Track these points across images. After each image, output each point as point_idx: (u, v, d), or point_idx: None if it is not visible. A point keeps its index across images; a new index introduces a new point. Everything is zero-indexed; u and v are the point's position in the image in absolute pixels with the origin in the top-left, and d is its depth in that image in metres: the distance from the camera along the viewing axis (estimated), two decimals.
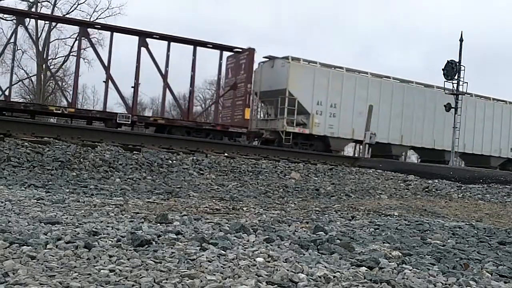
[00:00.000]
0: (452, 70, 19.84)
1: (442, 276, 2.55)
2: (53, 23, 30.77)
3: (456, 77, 19.92)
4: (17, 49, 31.05)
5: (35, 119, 14.67)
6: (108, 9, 35.03)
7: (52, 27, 32.52)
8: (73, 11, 34.04)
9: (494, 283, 2.49)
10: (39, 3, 33.63)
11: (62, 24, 29.53)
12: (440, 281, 2.42)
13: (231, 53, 17.97)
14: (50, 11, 33.06)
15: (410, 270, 2.59)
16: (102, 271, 2.11)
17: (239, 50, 17.59)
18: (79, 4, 34.33)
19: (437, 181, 10.69)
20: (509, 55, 80.00)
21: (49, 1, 33.82)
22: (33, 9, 31.94)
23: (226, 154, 11.09)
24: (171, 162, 9.03)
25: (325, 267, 2.49)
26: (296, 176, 9.74)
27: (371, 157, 17.37)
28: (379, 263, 2.63)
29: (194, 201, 5.15)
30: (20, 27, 17.41)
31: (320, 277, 2.28)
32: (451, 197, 8.47)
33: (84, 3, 35.04)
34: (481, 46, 70.88)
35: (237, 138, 17.04)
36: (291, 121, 17.30)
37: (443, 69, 20.06)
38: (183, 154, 10.04)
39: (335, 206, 5.61)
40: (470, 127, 21.09)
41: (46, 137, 9.28)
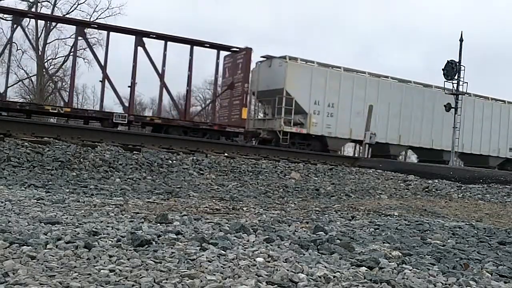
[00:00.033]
0: (452, 70, 19.84)
1: (442, 276, 2.55)
2: (51, 23, 30.75)
3: (456, 77, 19.93)
4: (18, 49, 31.21)
5: (31, 118, 14.61)
6: (108, 9, 35.10)
7: (49, 27, 32.52)
8: (73, 11, 34.10)
9: (494, 283, 2.49)
10: (39, 3, 33.66)
11: (59, 23, 29.49)
12: (440, 281, 2.42)
13: (229, 53, 17.93)
14: (50, 11, 33.11)
15: (410, 270, 2.59)
16: (102, 271, 2.11)
17: (236, 49, 17.54)
18: (79, 4, 34.40)
19: (437, 181, 10.69)
20: (509, 55, 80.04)
21: (49, 1, 33.87)
22: (33, 9, 31.96)
23: (226, 154, 11.09)
24: (171, 162, 9.03)
25: (325, 267, 2.49)
26: (296, 176, 9.74)
27: (370, 157, 17.37)
28: (379, 263, 2.63)
29: (194, 201, 5.15)
30: (18, 27, 17.37)
31: (320, 277, 2.28)
32: (451, 197, 8.47)
33: (84, 3, 35.10)
34: (481, 46, 70.89)
35: (234, 137, 17.02)
36: (289, 120, 17.26)
37: (443, 69, 20.06)
38: (183, 154, 10.04)
39: (335, 206, 5.61)
40: (468, 127, 21.05)
41: (46, 137, 9.27)
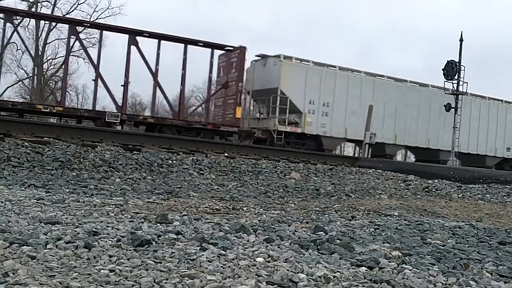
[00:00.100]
0: (452, 70, 19.84)
1: (442, 276, 2.55)
2: (45, 22, 30.71)
3: (456, 77, 19.93)
4: (17, 49, 31.20)
5: (25, 118, 14.54)
6: (108, 9, 35.13)
7: (44, 26, 32.50)
8: (73, 11, 34.12)
9: (494, 283, 2.49)
10: (39, 3, 33.66)
11: (53, 22, 29.40)
12: (440, 281, 2.42)
13: (223, 52, 17.89)
14: (50, 11, 33.12)
15: (410, 270, 2.59)
16: (102, 271, 2.11)
17: (231, 48, 17.48)
18: (79, 4, 34.41)
19: (437, 181, 10.68)
20: (509, 55, 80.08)
21: (49, 1, 33.87)
22: (33, 9, 31.97)
23: (226, 154, 11.09)
24: (171, 162, 9.03)
25: (325, 267, 2.49)
26: (296, 176, 9.74)
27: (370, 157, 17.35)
28: (379, 263, 2.63)
29: (194, 201, 5.15)
30: (12, 26, 17.31)
31: (320, 277, 2.28)
32: (451, 197, 8.47)
33: (84, 3, 35.12)
34: (481, 46, 70.96)
35: (228, 137, 16.98)
36: (283, 120, 17.20)
37: (443, 69, 20.06)
38: (183, 154, 10.04)
39: (335, 206, 5.61)
40: (465, 126, 20.89)
41: (46, 137, 9.27)
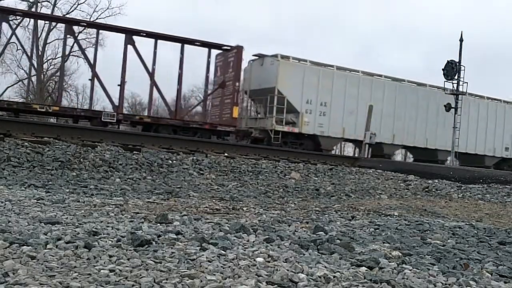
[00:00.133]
0: (452, 70, 19.82)
1: (442, 276, 2.55)
2: (42, 22, 30.65)
3: (456, 77, 19.92)
4: (17, 49, 31.17)
5: (19, 117, 14.49)
6: (108, 9, 35.10)
7: (41, 25, 32.44)
8: (73, 11, 34.10)
9: (494, 283, 2.49)
10: (39, 3, 33.66)
11: (48, 21, 29.30)
12: (440, 281, 2.42)
13: (220, 51, 17.85)
14: (50, 11, 33.12)
15: (410, 270, 2.59)
16: (102, 271, 2.11)
17: (228, 48, 17.43)
18: (79, 4, 34.40)
19: (437, 181, 10.68)
20: (509, 55, 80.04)
21: (49, 1, 33.87)
22: (33, 9, 31.96)
23: (226, 154, 11.09)
24: (171, 162, 9.03)
25: (325, 267, 2.49)
26: (296, 176, 9.74)
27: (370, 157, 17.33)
28: (379, 263, 2.63)
29: (194, 201, 5.15)
30: (13, 26, 17.26)
31: (320, 277, 2.28)
32: (451, 197, 8.47)
33: (84, 3, 35.10)
34: (481, 46, 70.92)
35: (225, 136, 16.97)
36: (280, 119, 17.13)
37: (443, 69, 20.05)
38: (183, 154, 10.04)
39: (335, 206, 5.61)
40: (464, 126, 20.74)
41: (46, 137, 9.28)
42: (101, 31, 19.79)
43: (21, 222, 3.09)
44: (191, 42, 17.17)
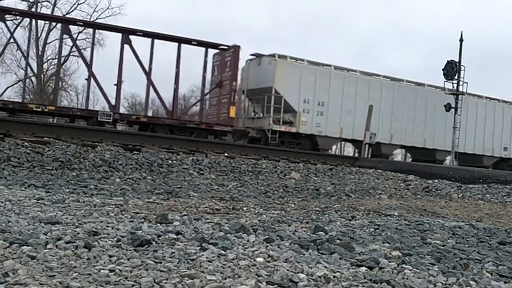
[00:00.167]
0: (452, 70, 19.82)
1: (442, 276, 2.55)
2: (41, 22, 30.64)
3: (456, 77, 19.91)
4: (17, 49, 31.18)
5: (15, 116, 14.45)
6: (108, 9, 35.12)
7: (41, 25, 32.48)
8: (73, 11, 34.11)
9: (494, 283, 2.49)
10: (39, 3, 33.66)
11: (41, 20, 29.22)
12: (440, 281, 2.42)
13: (217, 51, 17.82)
14: (50, 11, 33.12)
15: (410, 270, 2.59)
16: (102, 271, 2.11)
17: (225, 47, 17.40)
18: (79, 4, 34.41)
19: (437, 181, 10.68)
20: (509, 55, 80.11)
21: (49, 1, 33.87)
22: (33, 9, 31.95)
23: (226, 154, 11.09)
24: (171, 162, 9.03)
25: (325, 267, 2.49)
26: (296, 176, 9.73)
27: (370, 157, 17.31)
28: (379, 263, 2.63)
29: (194, 201, 5.15)
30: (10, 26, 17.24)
31: (320, 277, 2.28)
32: (451, 197, 8.46)
33: (84, 3, 35.11)
34: (481, 46, 70.99)
35: (222, 136, 16.93)
36: (278, 119, 17.12)
37: (443, 69, 20.05)
38: (183, 154, 10.04)
39: (335, 206, 5.61)
40: (462, 126, 20.60)
41: (46, 137, 9.27)
42: (98, 31, 19.78)
43: (21, 222, 3.09)
44: (188, 41, 17.14)
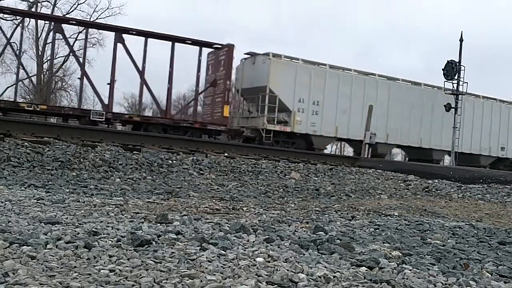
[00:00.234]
0: (452, 70, 19.82)
1: (442, 276, 2.55)
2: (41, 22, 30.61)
3: (456, 77, 19.91)
4: (17, 49, 31.17)
5: (7, 115, 14.41)
6: (108, 9, 35.12)
7: (24, 23, 32.42)
8: (73, 11, 34.11)
9: (494, 283, 2.49)
10: (39, 3, 33.65)
11: (35, 20, 29.12)
12: (440, 281, 2.42)
13: (211, 50, 17.76)
14: (50, 11, 33.11)
15: (410, 270, 2.59)
16: (102, 271, 2.11)
17: (219, 46, 17.33)
18: (79, 4, 34.41)
19: (437, 181, 10.68)
20: (509, 55, 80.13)
21: (49, 1, 33.87)
22: (33, 9, 31.95)
23: (226, 154, 11.09)
24: (171, 162, 9.03)
25: (325, 267, 2.49)
26: (296, 176, 9.73)
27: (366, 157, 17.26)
28: (379, 263, 2.63)
29: (194, 201, 5.15)
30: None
31: (320, 277, 2.28)
32: (451, 197, 8.46)
33: (84, 3, 35.12)
34: (481, 46, 71.07)
35: (216, 136, 16.87)
36: (272, 118, 17.04)
37: (443, 69, 20.05)
38: (183, 154, 10.04)
39: (335, 206, 5.61)
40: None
41: (46, 137, 9.27)
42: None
43: (21, 222, 3.09)
44: (182, 40, 17.05)
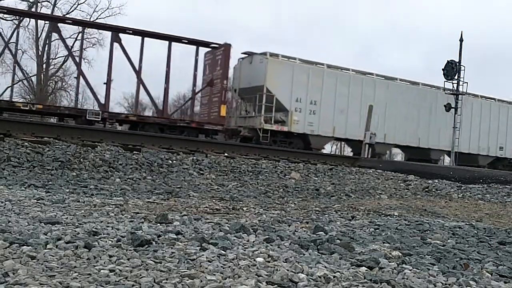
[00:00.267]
0: (452, 70, 19.84)
1: (442, 276, 2.55)
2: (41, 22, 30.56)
3: (456, 77, 19.91)
4: (17, 49, 31.16)
5: (3, 115, 14.41)
6: (108, 9, 35.10)
7: (21, 22, 32.39)
8: (73, 11, 34.10)
9: (494, 283, 2.49)
10: (39, 3, 33.65)
11: (35, 20, 29.06)
12: (440, 281, 2.42)
13: (209, 49, 17.72)
14: (50, 11, 33.11)
15: (410, 270, 2.59)
16: (102, 271, 2.11)
17: (216, 45, 17.31)
18: (79, 4, 34.40)
19: (437, 181, 10.68)
20: (509, 55, 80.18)
21: (49, 1, 33.86)
22: (33, 9, 31.95)
23: (226, 154, 11.09)
24: (171, 162, 9.03)
25: (325, 267, 2.49)
26: (296, 176, 9.73)
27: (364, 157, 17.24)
28: (379, 263, 2.63)
29: (194, 201, 5.15)
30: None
31: (320, 277, 2.28)
32: (451, 197, 8.46)
33: (84, 3, 35.10)
34: (481, 46, 71.13)
35: (213, 135, 16.86)
36: (269, 118, 17.03)
37: (443, 69, 20.07)
38: (183, 154, 10.04)
39: (335, 206, 5.61)
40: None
41: (46, 137, 9.27)
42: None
43: (21, 222, 3.09)
44: (179, 39, 17.01)
